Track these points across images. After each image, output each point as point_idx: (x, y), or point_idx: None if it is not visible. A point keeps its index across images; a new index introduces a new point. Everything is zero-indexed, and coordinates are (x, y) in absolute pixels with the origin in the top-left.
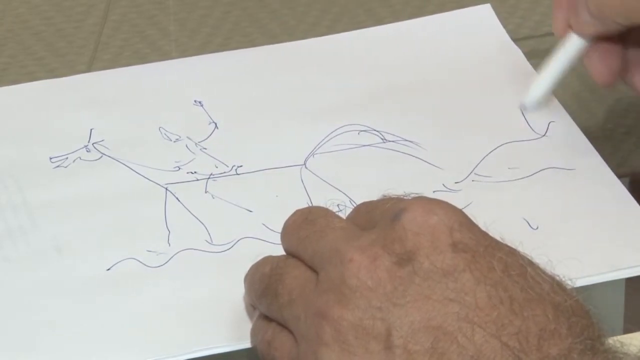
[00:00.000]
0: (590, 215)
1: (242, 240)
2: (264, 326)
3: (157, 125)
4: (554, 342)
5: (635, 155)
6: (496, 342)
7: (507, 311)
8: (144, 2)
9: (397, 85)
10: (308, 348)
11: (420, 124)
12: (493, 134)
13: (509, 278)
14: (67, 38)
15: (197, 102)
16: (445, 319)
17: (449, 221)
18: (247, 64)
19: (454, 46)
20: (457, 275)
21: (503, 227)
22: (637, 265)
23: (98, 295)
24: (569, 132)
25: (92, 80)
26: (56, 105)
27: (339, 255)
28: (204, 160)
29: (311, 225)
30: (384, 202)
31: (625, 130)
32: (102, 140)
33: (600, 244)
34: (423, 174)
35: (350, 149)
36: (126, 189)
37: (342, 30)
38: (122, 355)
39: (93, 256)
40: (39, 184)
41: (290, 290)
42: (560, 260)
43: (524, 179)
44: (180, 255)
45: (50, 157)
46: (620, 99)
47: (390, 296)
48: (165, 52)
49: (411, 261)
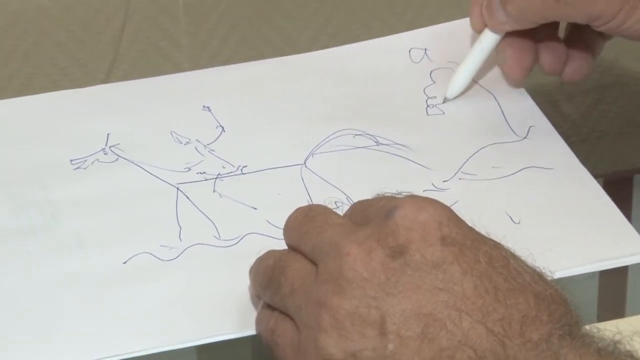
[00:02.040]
0: (568, 211)
1: (247, 236)
2: (267, 315)
3: (168, 129)
4: (535, 328)
5: (608, 157)
6: (482, 328)
7: (492, 300)
8: (158, 17)
9: (386, 93)
10: (309, 335)
11: (410, 129)
12: (478, 137)
13: (494, 269)
14: (87, 50)
15: (206, 108)
16: (435, 307)
17: (438, 217)
18: (251, 74)
19: (439, 57)
20: (446, 267)
21: (488, 222)
22: (611, 258)
23: (115, 286)
24: (548, 135)
25: (109, 90)
26: (77, 112)
27: (337, 249)
28: (212, 162)
29: (311, 222)
30: (378, 200)
31: (599, 135)
32: (118, 143)
33: (577, 238)
34: (413, 173)
35: (346, 150)
36: (140, 188)
37: (339, 44)
38: (136, 341)
39: (110, 250)
40: (61, 184)
41: (292, 282)
42: (541, 252)
43: (507, 177)
44: (190, 249)
45: (70, 160)
46: (594, 106)
47: (384, 286)
48: (177, 63)
49: (403, 254)
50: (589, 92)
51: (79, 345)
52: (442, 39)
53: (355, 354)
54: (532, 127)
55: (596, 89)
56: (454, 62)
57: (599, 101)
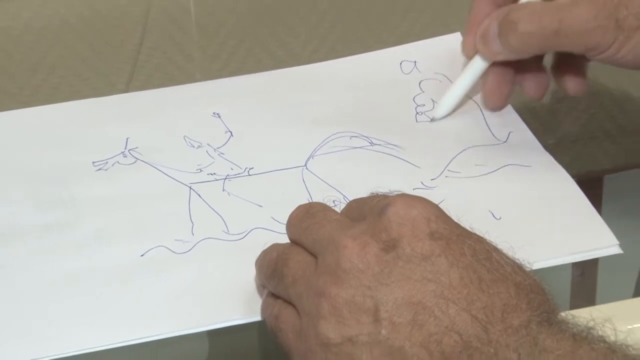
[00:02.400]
0: (545, 208)
1: (253, 231)
2: (272, 303)
3: (182, 134)
4: (515, 315)
5: (580, 159)
6: (467, 315)
7: (476, 289)
8: (173, 33)
9: (379, 101)
10: (309, 321)
11: (401, 133)
12: (462, 140)
13: (477, 261)
14: (108, 62)
15: (216, 115)
16: (424, 296)
17: (426, 214)
18: (257, 84)
19: (427, 69)
20: (434, 259)
21: (472, 219)
22: (584, 250)
23: (133, 277)
24: (526, 139)
25: (128, 99)
26: (99, 119)
27: (335, 243)
28: (221, 164)
29: (311, 218)
30: (372, 199)
31: (573, 139)
32: (137, 147)
33: (553, 232)
34: (404, 172)
35: (343, 151)
36: (156, 188)
37: (337, 57)
38: (152, 327)
39: (129, 244)
40: (84, 184)
41: (294, 273)
42: (520, 246)
43: (489, 174)
44: (202, 243)
45: (93, 162)
46: (568, 113)
47: (378, 277)
48: (190, 75)
49: (395, 248)
50: (564, 100)
51: (99, 331)
52: (430, 52)
53: (352, 339)
54: (512, 132)
55: (570, 98)
56: (441, 73)
57: (573, 109)
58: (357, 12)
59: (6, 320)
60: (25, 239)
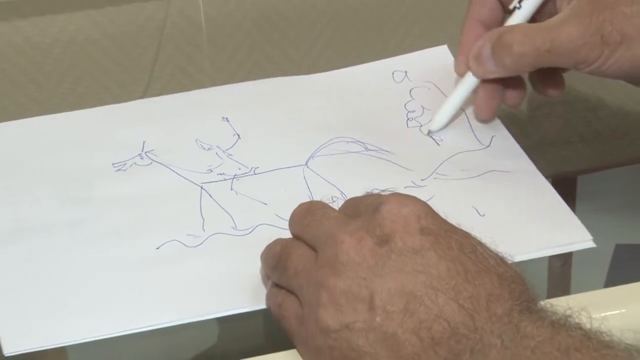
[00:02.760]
0: (524, 206)
1: (259, 226)
2: (275, 292)
3: (194, 137)
4: (499, 304)
5: (556, 161)
6: (454, 304)
7: (463, 280)
8: (185, 46)
9: (373, 107)
10: (310, 309)
11: (393, 137)
12: (450, 144)
13: (464, 255)
14: (127, 73)
15: (225, 119)
16: (415, 286)
17: (417, 211)
18: (262, 91)
19: (417, 78)
20: (424, 253)
21: (458, 215)
22: (560, 245)
23: (149, 268)
24: (508, 143)
25: (145, 105)
26: (118, 123)
27: (333, 238)
28: (229, 164)
29: (312, 215)
30: (367, 197)
31: (550, 142)
32: (153, 149)
33: (532, 228)
34: (396, 174)
35: (341, 154)
36: (170, 187)
37: (335, 68)
38: (166, 314)
39: (145, 238)
40: (104, 184)
41: (296, 265)
42: (502, 240)
43: (474, 178)
44: (212, 238)
45: (112, 163)
46: (545, 119)
47: (373, 269)
48: (201, 83)
49: (388, 242)
50: (542, 107)
51: (116, 318)
52: (419, 63)
53: (349, 326)
54: (494, 136)
55: (547, 105)
56: (430, 81)
57: (550, 115)
58: (352, 28)
59: (33, 308)
60: (51, 234)
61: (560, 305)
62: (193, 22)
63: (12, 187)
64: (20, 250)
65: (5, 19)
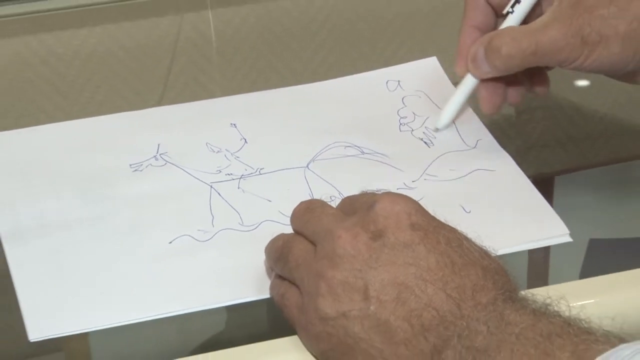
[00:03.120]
0: (507, 203)
1: (264, 222)
2: (278, 283)
3: (204, 141)
4: (483, 294)
5: (535, 162)
6: (443, 293)
7: (450, 272)
8: (197, 58)
9: (369, 113)
10: (310, 299)
11: (386, 141)
12: (438, 147)
13: (451, 248)
14: (144, 82)
15: (233, 125)
16: (406, 277)
17: (408, 209)
18: (267, 99)
19: (409, 87)
20: (414, 247)
21: (446, 212)
22: (540, 239)
23: (163, 260)
24: (491, 146)
25: (160, 112)
26: (135, 128)
27: (331, 234)
28: (237, 165)
29: (311, 212)
30: (362, 196)
31: (530, 145)
32: (166, 152)
33: (514, 223)
34: (389, 175)
35: (339, 158)
36: (182, 186)
37: (333, 77)
38: (178, 302)
39: (159, 233)
40: (122, 183)
41: (297, 258)
42: (486, 235)
43: (461, 177)
44: (220, 233)
45: (130, 164)
46: (526, 124)
47: (367, 261)
48: (211, 92)
49: (382, 237)
50: (522, 113)
51: (132, 306)
52: (411, 73)
53: (345, 314)
54: (479, 140)
55: (528, 111)
56: (420, 90)
57: (530, 120)
58: (349, 41)
59: (57, 297)
60: (73, 229)
61: (540, 295)
62: (204, 36)
63: (38, 186)
64: (45, 244)
65: (31, 32)
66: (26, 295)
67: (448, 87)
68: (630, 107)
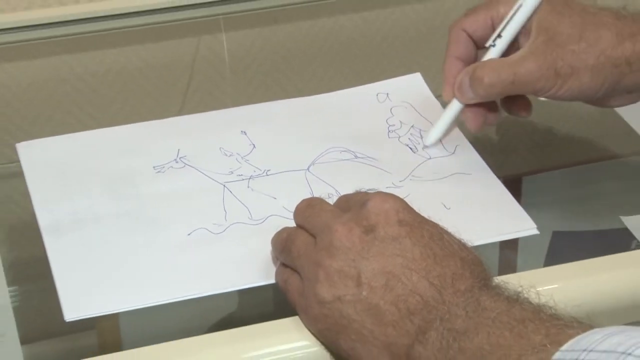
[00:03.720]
0: (481, 201)
1: (270, 217)
2: (282, 271)
3: (218, 146)
4: (462, 282)
5: (506, 165)
6: (426, 281)
7: (432, 262)
8: (212, 75)
9: (362, 123)
10: (309, 285)
11: (376, 146)
12: (423, 152)
13: (433, 242)
14: (166, 95)
15: (243, 132)
16: (394, 267)
17: (396, 207)
18: (273, 110)
19: (396, 99)
20: (401, 240)
21: (429, 210)
22: (510, 232)
23: (183, 250)
24: (468, 151)
25: (179, 121)
26: (158, 135)
27: (329, 228)
28: (247, 168)
29: (312, 209)
30: (356, 194)
31: (500, 150)
32: (185, 155)
33: (487, 219)
34: (379, 176)
35: (335, 161)
36: (199, 185)
37: (331, 91)
38: (196, 287)
39: (179, 226)
40: (146, 183)
41: (299, 249)
42: (464, 229)
43: (441, 179)
44: (232, 226)
45: (153, 166)
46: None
47: (360, 252)
48: (225, 104)
49: (373, 231)
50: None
51: (156, 290)
52: (398, 87)
53: (340, 298)
54: (458, 145)
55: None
56: (406, 101)
57: (500, 129)
58: (344, 60)
59: (89, 282)
60: (104, 223)
61: (512, 283)
62: (218, 56)
63: (72, 186)
64: (79, 236)
65: (69, 53)
66: (62, 281)
67: (430, 98)
68: (587, 119)
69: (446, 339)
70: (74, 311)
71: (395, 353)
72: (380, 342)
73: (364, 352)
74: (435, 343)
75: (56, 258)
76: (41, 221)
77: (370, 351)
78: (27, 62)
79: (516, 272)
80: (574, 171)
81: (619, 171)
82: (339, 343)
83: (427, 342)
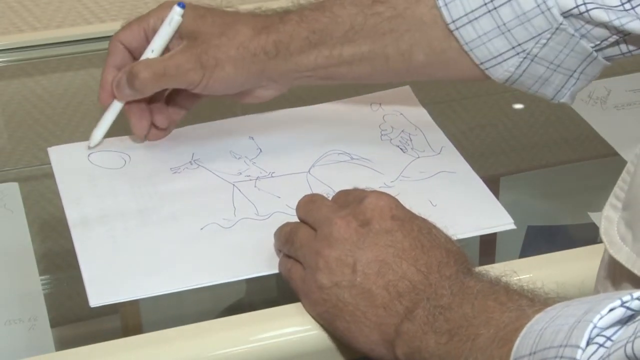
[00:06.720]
0: (464, 198)
1: (275, 213)
2: (286, 261)
3: (228, 150)
4: (447, 268)
5: (485, 165)
6: (414, 268)
7: (421, 252)
8: None
9: (358, 129)
10: (310, 272)
11: (370, 149)
12: (411, 153)
13: (422, 235)
14: None
15: (251, 137)
16: (386, 256)
17: (390, 204)
18: (277, 118)
19: (388, 107)
20: (393, 233)
21: (418, 206)
22: (490, 227)
23: (196, 243)
24: (452, 152)
25: (194, 128)
26: (175, 141)
27: (329, 220)
28: (254, 169)
29: (313, 204)
30: (354, 191)
31: (481, 152)
32: (199, 158)
33: (469, 214)
34: (373, 176)
35: (334, 163)
36: (211, 185)
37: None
38: (208, 276)
39: (193, 221)
40: (164, 183)
41: (301, 240)
42: (449, 224)
43: (429, 177)
44: (241, 221)
45: (170, 168)
46: (477, 136)
47: (356, 243)
48: (235, 113)
49: (368, 225)
50: (474, 129)
51: (173, 278)
52: (390, 97)
53: (337, 284)
54: (443, 147)
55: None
56: (397, 110)
57: (480, 134)
58: None
59: (113, 271)
60: (127, 218)
61: (493, 272)
62: None
63: (99, 186)
64: (104, 230)
65: (96, 66)
66: (88, 270)
67: (418, 107)
68: (558, 126)
69: (432, 314)
70: (98, 298)
71: (385, 332)
72: (371, 322)
73: (357, 331)
74: (422, 318)
75: (82, 250)
76: (69, 217)
77: (362, 330)
78: (59, 74)
79: (495, 262)
80: (546, 172)
81: (587, 172)
82: (336, 324)
83: (414, 319)
